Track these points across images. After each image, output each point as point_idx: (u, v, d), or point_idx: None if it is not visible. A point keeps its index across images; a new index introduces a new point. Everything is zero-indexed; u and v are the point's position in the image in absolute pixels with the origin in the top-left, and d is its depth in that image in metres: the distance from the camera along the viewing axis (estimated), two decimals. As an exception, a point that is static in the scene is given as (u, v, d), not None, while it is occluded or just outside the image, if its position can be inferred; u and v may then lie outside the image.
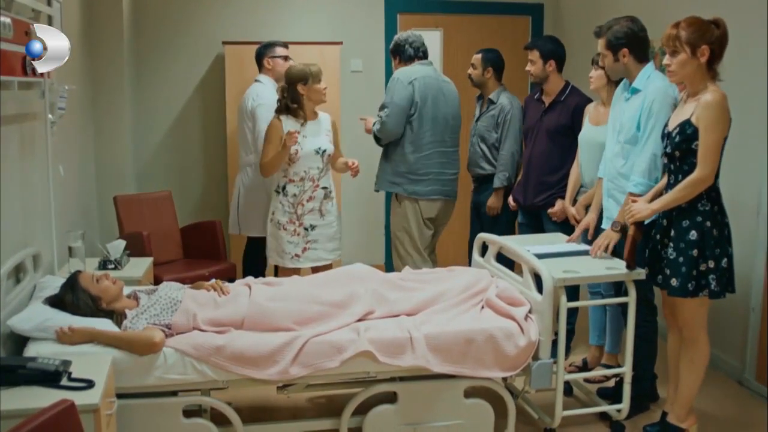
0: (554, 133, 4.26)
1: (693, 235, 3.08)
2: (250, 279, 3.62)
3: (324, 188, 4.22)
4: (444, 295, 3.41)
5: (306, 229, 4.19)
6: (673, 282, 3.13)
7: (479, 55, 4.77)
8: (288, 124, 4.15)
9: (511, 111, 4.65)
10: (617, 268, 3.34)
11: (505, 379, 3.55)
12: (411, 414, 3.18)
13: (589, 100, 4.23)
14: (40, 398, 2.24)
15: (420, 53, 4.56)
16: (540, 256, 3.40)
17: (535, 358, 3.21)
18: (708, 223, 3.08)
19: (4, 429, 1.94)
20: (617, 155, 3.53)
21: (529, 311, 3.27)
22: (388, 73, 6.04)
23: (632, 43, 3.45)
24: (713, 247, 3.08)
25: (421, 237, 4.53)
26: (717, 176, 3.10)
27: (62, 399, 2.01)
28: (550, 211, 4.27)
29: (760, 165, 3.93)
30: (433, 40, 6.18)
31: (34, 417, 1.90)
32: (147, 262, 4.07)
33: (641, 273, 3.31)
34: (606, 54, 3.51)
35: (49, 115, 3.49)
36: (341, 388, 3.49)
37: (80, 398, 2.31)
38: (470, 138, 4.87)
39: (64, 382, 2.43)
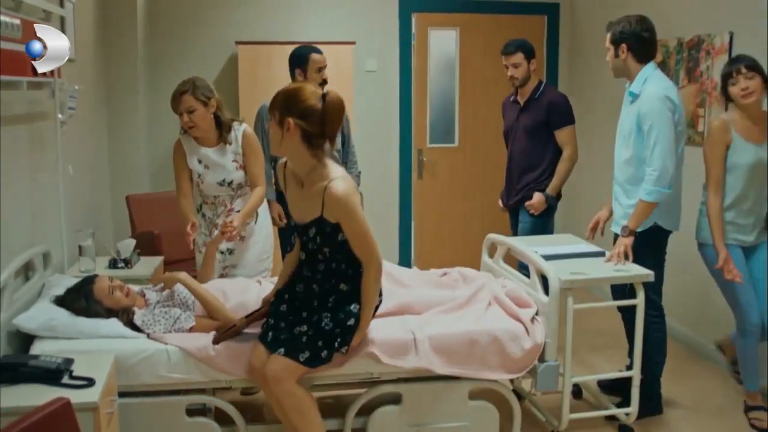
0: (532, 130, 4.32)
1: None
2: (260, 277, 3.64)
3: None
4: (447, 296, 3.40)
5: (222, 252, 3.70)
6: None
7: (324, 56, 4.25)
8: (188, 145, 3.66)
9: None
10: (625, 269, 3.31)
11: (512, 381, 3.53)
12: (415, 415, 3.16)
13: (563, 95, 4.33)
14: (39, 396, 2.25)
15: None
16: (548, 258, 3.38)
17: (542, 360, 3.18)
18: None
19: (3, 425, 1.95)
20: (626, 161, 3.51)
21: (536, 313, 3.24)
22: (403, 73, 6.06)
23: (632, 40, 3.42)
24: None
25: None
26: None
27: (58, 397, 2.04)
28: (527, 204, 4.32)
29: None
30: (448, 39, 6.17)
31: (30, 414, 1.92)
32: (157, 260, 4.10)
33: (650, 275, 3.27)
34: (609, 48, 3.53)
35: (59, 115, 3.52)
36: (346, 389, 3.48)
37: (80, 396, 2.34)
38: None
39: (65, 380, 2.45)
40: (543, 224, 4.38)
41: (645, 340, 3.38)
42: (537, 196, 4.30)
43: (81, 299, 3.09)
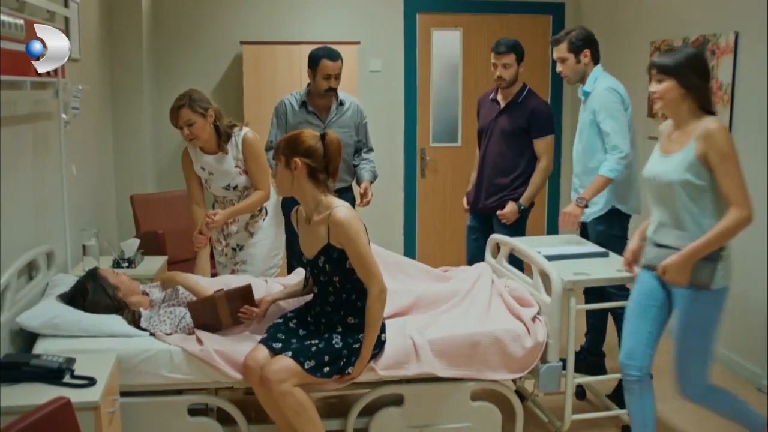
0: (510, 134, 4.23)
1: None
2: (269, 272, 3.66)
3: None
4: (448, 291, 3.41)
5: (234, 249, 3.82)
6: None
7: (339, 63, 4.24)
8: (193, 153, 3.75)
9: (359, 106, 4.45)
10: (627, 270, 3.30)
11: (515, 382, 3.53)
12: (417, 416, 3.16)
13: (546, 104, 4.29)
14: (40, 395, 2.25)
15: None
16: (551, 258, 3.37)
17: (544, 361, 3.18)
18: None
19: (3, 425, 1.96)
20: (580, 154, 3.82)
21: (538, 313, 3.24)
22: (407, 73, 6.06)
23: (591, 44, 3.74)
24: None
25: None
26: None
27: (58, 396, 2.04)
28: (499, 213, 4.24)
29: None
30: (452, 39, 6.17)
31: (29, 414, 1.93)
32: (161, 260, 4.11)
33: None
34: (567, 57, 3.75)
35: (63, 115, 3.53)
36: (348, 389, 3.47)
37: (81, 396, 2.34)
38: None
39: (67, 379, 2.45)
40: (515, 234, 4.17)
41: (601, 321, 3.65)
42: (510, 206, 4.20)
43: (88, 280, 3.16)
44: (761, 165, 3.98)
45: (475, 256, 4.42)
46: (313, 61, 4.20)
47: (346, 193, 4.41)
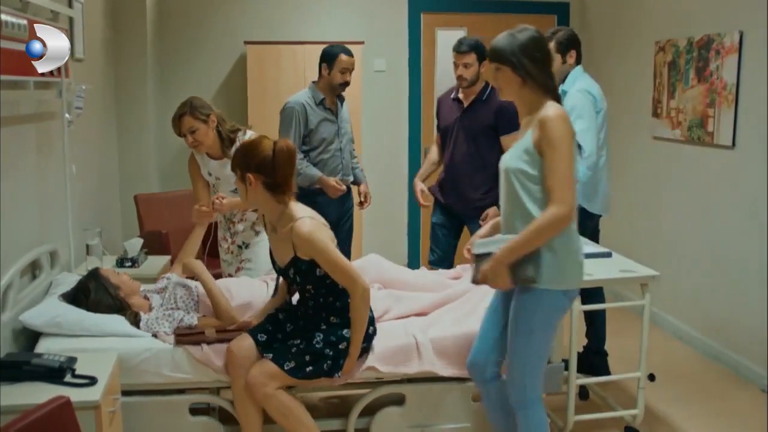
0: (477, 133, 4.16)
1: None
2: (267, 277, 3.65)
3: (255, 210, 3.75)
4: (453, 295, 3.41)
5: (239, 246, 3.83)
6: None
7: (353, 59, 4.36)
8: (199, 158, 3.78)
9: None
10: (631, 270, 3.30)
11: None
12: (418, 416, 3.16)
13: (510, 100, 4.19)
14: (41, 394, 2.24)
15: None
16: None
17: (547, 361, 3.16)
18: None
19: (3, 424, 1.96)
20: None
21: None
22: (412, 73, 6.05)
23: (577, 45, 3.79)
24: None
25: None
26: None
27: (58, 395, 2.04)
28: (484, 214, 4.12)
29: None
30: (456, 39, 6.15)
31: (29, 413, 1.93)
32: (164, 260, 4.11)
33: (656, 275, 3.26)
34: (554, 57, 3.50)
35: (66, 114, 3.54)
36: (349, 389, 3.48)
37: (81, 395, 2.35)
38: (336, 146, 4.38)
39: (68, 378, 2.46)
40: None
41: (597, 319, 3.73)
42: (494, 211, 4.04)
43: (90, 280, 3.16)
44: (763, 165, 3.97)
45: (447, 252, 4.43)
46: (330, 56, 4.27)
47: (348, 197, 4.46)
